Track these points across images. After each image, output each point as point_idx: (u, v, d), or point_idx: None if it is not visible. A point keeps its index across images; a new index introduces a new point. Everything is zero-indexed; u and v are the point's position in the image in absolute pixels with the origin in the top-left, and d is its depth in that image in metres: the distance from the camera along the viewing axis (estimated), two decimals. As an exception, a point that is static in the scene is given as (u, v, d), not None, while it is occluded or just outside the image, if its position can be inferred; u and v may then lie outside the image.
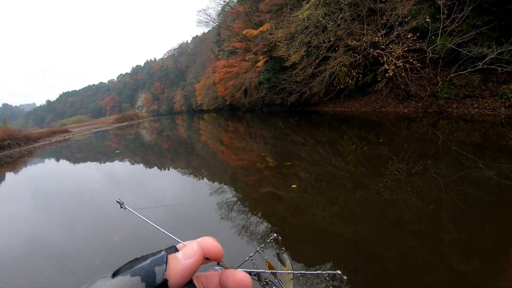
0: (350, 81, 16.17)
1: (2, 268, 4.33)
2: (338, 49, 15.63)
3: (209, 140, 16.52)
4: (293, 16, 16.97)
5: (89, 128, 49.39)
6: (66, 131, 40.51)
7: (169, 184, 7.88)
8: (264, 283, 0.88)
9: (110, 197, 6.82)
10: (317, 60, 16.81)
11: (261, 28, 23.79)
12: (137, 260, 0.35)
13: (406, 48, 13.08)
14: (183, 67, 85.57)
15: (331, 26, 15.29)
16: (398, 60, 13.34)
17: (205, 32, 43.62)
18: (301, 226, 4.13)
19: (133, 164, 12.02)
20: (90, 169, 12.32)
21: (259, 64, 23.81)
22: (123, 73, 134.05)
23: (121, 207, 0.53)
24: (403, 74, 13.12)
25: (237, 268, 0.46)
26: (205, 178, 7.80)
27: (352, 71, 16.18)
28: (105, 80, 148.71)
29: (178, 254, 0.36)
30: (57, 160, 17.35)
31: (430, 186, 4.65)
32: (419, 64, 12.96)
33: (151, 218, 0.56)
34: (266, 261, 1.06)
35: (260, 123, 20.43)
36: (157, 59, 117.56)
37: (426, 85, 13.19)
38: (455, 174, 5.07)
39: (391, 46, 13.69)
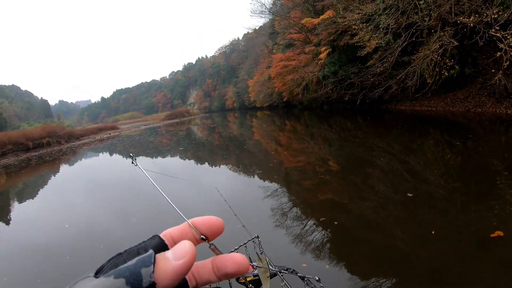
0: (445, 73, 12.86)
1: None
2: (436, 31, 12.38)
3: (267, 141, 14.43)
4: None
5: (138, 125, 49.75)
6: (113, 128, 40.33)
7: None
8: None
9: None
10: (399, 48, 13.76)
11: (322, 16, 20.92)
12: (120, 256, 0.31)
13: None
14: (234, 64, 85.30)
15: (423, 3, 12.22)
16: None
17: (256, 28, 41.78)
18: (366, 241, 3.66)
19: (184, 159, 11.38)
20: (148, 164, 11.08)
21: (321, 56, 21.01)
22: (175, 70, 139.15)
23: (132, 163, 0.48)
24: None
25: None
26: (259, 178, 7.57)
27: (447, 60, 12.92)
28: (157, 78, 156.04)
29: (168, 254, 0.31)
30: (109, 154, 16.67)
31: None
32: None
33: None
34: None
35: (323, 123, 17.87)
36: (208, 56, 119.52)
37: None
38: None
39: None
